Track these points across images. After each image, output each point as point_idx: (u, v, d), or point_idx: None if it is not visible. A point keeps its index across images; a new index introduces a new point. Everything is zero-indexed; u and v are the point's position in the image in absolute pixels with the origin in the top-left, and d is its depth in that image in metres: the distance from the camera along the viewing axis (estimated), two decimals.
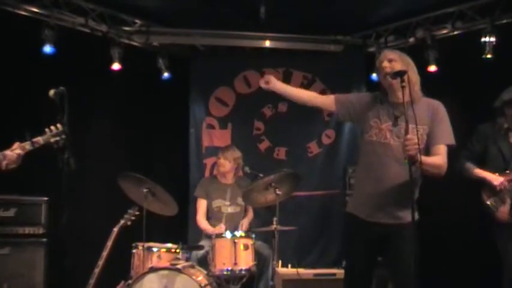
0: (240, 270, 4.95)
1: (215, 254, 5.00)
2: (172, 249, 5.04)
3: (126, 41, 6.82)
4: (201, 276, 4.78)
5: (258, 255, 5.22)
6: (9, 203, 5.26)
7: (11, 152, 3.75)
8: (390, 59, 3.58)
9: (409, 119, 3.29)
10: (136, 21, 6.86)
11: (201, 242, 5.64)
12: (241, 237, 5.07)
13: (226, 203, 5.89)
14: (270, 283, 5.25)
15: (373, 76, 7.10)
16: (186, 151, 7.33)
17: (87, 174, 6.18)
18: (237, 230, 5.52)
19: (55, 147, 3.83)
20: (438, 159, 3.50)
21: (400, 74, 3.36)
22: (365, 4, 6.52)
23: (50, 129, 3.85)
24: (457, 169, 4.71)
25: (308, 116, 7.35)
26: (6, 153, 3.74)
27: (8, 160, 3.76)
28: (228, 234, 5.08)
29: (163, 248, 5.06)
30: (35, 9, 6.05)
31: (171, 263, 4.79)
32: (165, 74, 7.11)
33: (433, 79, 6.06)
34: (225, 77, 7.43)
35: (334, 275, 5.64)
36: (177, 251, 5.01)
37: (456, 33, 6.57)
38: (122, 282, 4.97)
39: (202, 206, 5.94)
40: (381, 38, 7.19)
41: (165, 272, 4.65)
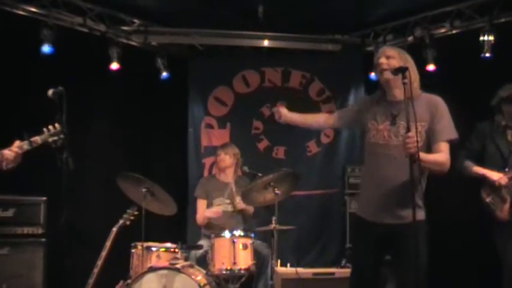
0: (239, 270, 4.95)
1: (214, 254, 5.00)
2: (171, 249, 5.04)
3: (125, 40, 6.82)
4: (200, 275, 4.77)
5: (257, 255, 5.22)
6: (8, 203, 5.25)
7: (8, 151, 3.75)
8: (388, 55, 3.55)
9: (411, 117, 3.25)
10: (135, 20, 6.86)
11: (200, 242, 5.64)
12: (240, 236, 5.07)
13: (226, 201, 5.89)
14: (269, 282, 5.26)
15: (372, 75, 7.11)
16: (185, 151, 7.33)
17: (86, 174, 6.18)
18: (236, 228, 5.51)
19: (53, 147, 3.83)
20: (440, 157, 3.47)
21: (401, 70, 3.32)
22: (363, 3, 6.53)
23: (48, 129, 3.85)
24: (456, 168, 4.71)
25: None
26: (4, 152, 3.74)
27: (6, 159, 3.75)
28: (227, 234, 5.07)
29: (162, 248, 5.05)
30: (33, 9, 6.06)
31: (170, 263, 4.78)
32: (164, 74, 7.10)
33: (431, 78, 6.06)
34: (224, 76, 7.44)
35: (333, 274, 5.63)
36: (176, 250, 5.00)
37: (454, 32, 6.59)
38: (121, 282, 4.97)
39: (202, 206, 5.94)
40: (379, 37, 7.19)
41: (164, 272, 4.64)
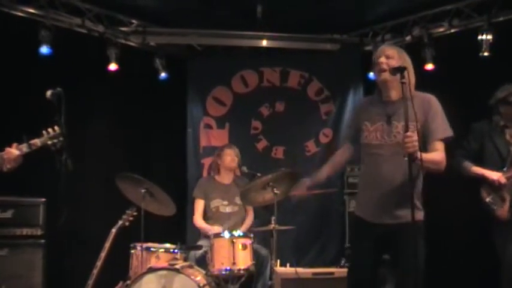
0: (238, 270, 4.94)
1: (214, 254, 4.99)
2: (171, 250, 5.04)
3: (123, 41, 6.82)
4: (199, 276, 4.77)
5: (256, 255, 5.22)
6: (7, 205, 5.25)
7: (7, 153, 3.75)
8: (387, 55, 3.55)
9: (408, 116, 3.24)
10: (133, 21, 6.85)
11: (199, 242, 5.64)
12: (239, 237, 5.07)
13: (225, 202, 5.88)
14: (269, 282, 5.26)
15: (371, 75, 7.11)
16: (184, 151, 7.32)
17: (85, 175, 6.17)
18: (235, 229, 5.51)
19: (53, 150, 3.82)
20: (436, 155, 3.48)
21: (400, 70, 3.31)
22: (362, 2, 6.53)
23: (47, 131, 3.85)
24: (454, 168, 4.72)
25: (305, 115, 7.38)
26: (3, 154, 3.75)
27: (8, 161, 3.76)
28: (226, 234, 5.07)
29: (161, 248, 5.05)
30: (31, 10, 6.05)
31: (170, 263, 4.78)
32: (162, 74, 7.10)
33: (430, 77, 6.06)
34: (222, 76, 7.43)
35: (332, 274, 5.63)
36: (176, 251, 5.00)
37: (453, 31, 6.59)
38: (120, 283, 4.96)
39: (200, 207, 5.93)
40: (377, 37, 7.19)
41: (164, 272, 4.64)
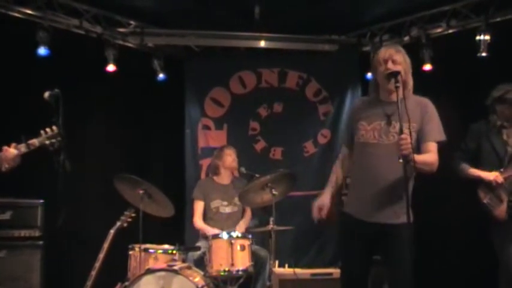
0: (237, 271, 4.95)
1: (212, 255, 5.00)
2: (169, 251, 5.03)
3: (121, 42, 6.82)
4: (198, 277, 4.77)
5: (254, 256, 5.22)
6: (5, 206, 5.24)
7: (5, 153, 3.75)
8: (395, 60, 3.55)
9: (404, 118, 3.29)
10: (131, 22, 6.85)
11: (198, 243, 5.64)
12: (237, 238, 5.07)
13: (224, 203, 5.89)
14: (267, 283, 5.26)
15: (368, 75, 7.11)
16: (182, 152, 7.31)
17: (83, 176, 6.17)
18: (234, 230, 5.52)
19: (50, 150, 3.82)
20: (429, 157, 3.50)
21: (394, 75, 3.40)
22: (359, 3, 6.53)
23: (45, 132, 3.85)
24: (452, 170, 4.73)
25: (303, 116, 7.38)
26: (2, 154, 3.76)
27: (6, 160, 3.76)
28: (224, 235, 5.07)
29: (160, 250, 5.05)
30: (29, 11, 6.04)
31: (168, 264, 4.78)
32: (160, 75, 7.09)
33: (428, 78, 6.08)
34: (220, 77, 7.43)
35: (331, 274, 5.63)
36: (174, 252, 5.00)
37: (451, 31, 6.59)
38: (118, 284, 4.96)
39: (200, 208, 5.93)
40: (375, 37, 7.19)
41: (162, 274, 4.64)
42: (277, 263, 5.70)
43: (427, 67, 6.47)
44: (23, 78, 5.87)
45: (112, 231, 5.01)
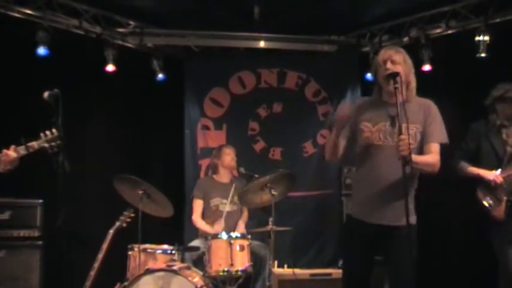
0: (236, 271, 4.95)
1: (211, 255, 5.00)
2: (168, 251, 5.03)
3: (120, 42, 6.81)
4: (197, 277, 4.77)
5: (254, 256, 5.22)
6: (4, 206, 5.24)
7: (4, 156, 3.75)
8: (394, 60, 3.53)
9: (402, 119, 3.30)
10: (131, 22, 6.85)
11: (196, 242, 5.63)
12: (237, 238, 5.07)
13: (224, 201, 5.87)
14: (267, 283, 5.26)
15: (368, 76, 7.12)
16: (181, 152, 7.31)
17: (83, 176, 6.17)
18: (234, 229, 5.52)
19: (50, 152, 3.82)
20: (430, 158, 3.50)
21: (392, 76, 3.38)
22: (359, 4, 6.53)
23: (45, 134, 3.84)
24: (452, 169, 4.72)
25: (303, 116, 7.38)
26: (1, 157, 3.75)
27: (4, 163, 3.76)
28: (224, 235, 5.07)
29: (159, 250, 5.04)
30: (29, 11, 6.04)
31: (167, 265, 4.77)
32: (160, 75, 7.09)
33: (427, 78, 6.07)
34: (220, 77, 7.43)
35: (330, 275, 5.65)
36: (173, 252, 5.00)
37: (450, 32, 6.59)
38: (117, 284, 4.95)
39: (199, 207, 5.93)
40: (375, 38, 7.18)
41: (161, 274, 4.64)
42: (276, 263, 5.71)
43: (427, 67, 6.47)
44: (22, 78, 5.87)
45: (111, 231, 5.00)
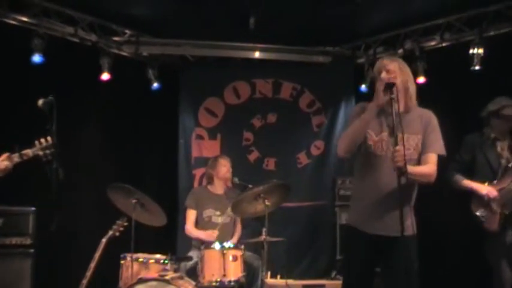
0: (229, 282, 4.93)
1: (204, 265, 4.98)
2: (161, 260, 5.01)
3: (116, 51, 6.82)
4: (190, 287, 4.76)
5: (247, 266, 5.21)
6: None
7: None
8: (389, 70, 3.52)
9: (399, 130, 3.28)
10: (126, 31, 6.86)
11: (190, 253, 5.61)
12: (230, 248, 5.06)
13: (217, 212, 5.86)
14: None
15: (362, 87, 7.15)
16: (176, 161, 7.31)
17: (76, 184, 6.14)
18: (227, 240, 5.50)
19: (44, 160, 3.81)
20: (427, 168, 3.49)
21: (389, 86, 3.36)
22: (354, 15, 6.55)
23: (39, 142, 3.83)
24: (446, 181, 4.72)
25: (297, 127, 7.40)
26: None
27: None
28: (217, 246, 5.05)
29: (152, 259, 5.01)
30: (24, 19, 6.04)
31: (160, 274, 4.75)
32: (155, 84, 7.09)
33: (421, 90, 6.07)
34: (215, 87, 7.44)
35: (323, 286, 5.64)
36: (166, 261, 4.97)
37: (444, 44, 6.63)
38: None
39: (192, 216, 5.91)
40: (370, 49, 7.23)
41: (154, 283, 4.61)
42: (269, 273, 5.69)
43: (421, 79, 6.48)
44: (17, 85, 5.86)
45: (104, 240, 4.97)
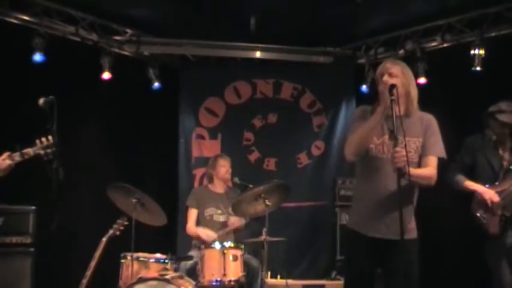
0: (229, 281, 4.93)
1: (204, 265, 4.98)
2: (161, 260, 5.01)
3: (117, 50, 6.83)
4: (189, 286, 4.75)
5: (247, 266, 5.20)
6: None
7: (1, 161, 3.74)
8: (391, 73, 3.51)
9: (399, 132, 3.28)
10: (127, 30, 6.87)
11: (190, 253, 5.61)
12: (230, 248, 5.06)
13: (218, 211, 5.86)
14: None
15: (363, 88, 7.16)
16: (176, 161, 7.31)
17: (77, 184, 6.15)
18: (227, 240, 5.50)
19: (45, 159, 3.81)
20: (427, 171, 3.49)
21: (389, 88, 3.35)
22: (355, 16, 6.56)
23: (40, 141, 3.82)
24: (447, 182, 4.71)
25: (297, 127, 7.40)
26: None
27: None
28: (217, 245, 5.06)
29: (152, 259, 5.01)
30: (26, 18, 6.05)
31: (160, 274, 4.75)
32: (156, 84, 7.10)
33: (422, 91, 6.07)
34: (215, 87, 7.45)
35: (323, 286, 5.64)
36: (166, 261, 4.98)
37: (445, 45, 6.64)
38: None
39: (193, 216, 5.90)
40: (370, 50, 7.23)
41: (154, 283, 4.61)
42: (269, 273, 5.69)
43: (422, 80, 6.49)
44: (18, 85, 5.86)
45: (104, 240, 4.97)
